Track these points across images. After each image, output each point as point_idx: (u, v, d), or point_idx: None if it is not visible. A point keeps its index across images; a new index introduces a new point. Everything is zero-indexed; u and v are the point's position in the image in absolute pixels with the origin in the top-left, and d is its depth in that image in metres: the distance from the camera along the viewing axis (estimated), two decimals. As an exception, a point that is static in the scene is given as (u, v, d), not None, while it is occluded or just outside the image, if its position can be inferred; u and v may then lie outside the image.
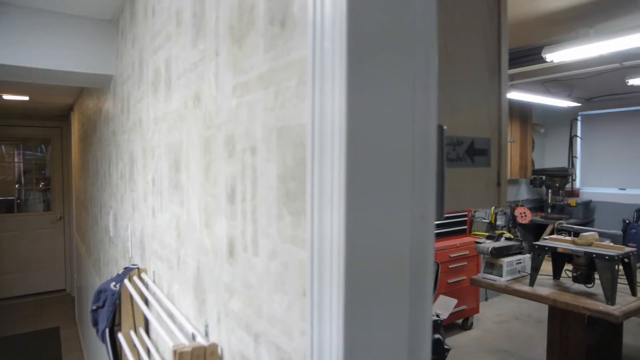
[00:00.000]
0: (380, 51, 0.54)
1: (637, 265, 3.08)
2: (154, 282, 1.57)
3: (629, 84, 3.92)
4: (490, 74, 0.89)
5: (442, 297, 1.86)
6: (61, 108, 5.58)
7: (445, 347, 1.61)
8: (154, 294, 1.50)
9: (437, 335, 1.56)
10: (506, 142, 0.89)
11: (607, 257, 2.84)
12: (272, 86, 0.74)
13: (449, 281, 4.45)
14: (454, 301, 1.85)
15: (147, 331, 1.61)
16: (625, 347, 4.04)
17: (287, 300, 0.69)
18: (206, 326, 1.04)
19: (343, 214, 0.52)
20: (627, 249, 2.98)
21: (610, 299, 2.80)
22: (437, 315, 1.65)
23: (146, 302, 1.53)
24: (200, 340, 1.03)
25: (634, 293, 2.97)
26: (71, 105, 5.35)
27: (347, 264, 0.52)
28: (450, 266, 4.44)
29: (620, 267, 2.98)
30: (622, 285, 3.01)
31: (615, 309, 2.74)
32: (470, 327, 4.78)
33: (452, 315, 4.49)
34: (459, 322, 4.76)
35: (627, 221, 5.55)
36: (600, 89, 5.19)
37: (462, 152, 0.80)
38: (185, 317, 1.18)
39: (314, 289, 0.57)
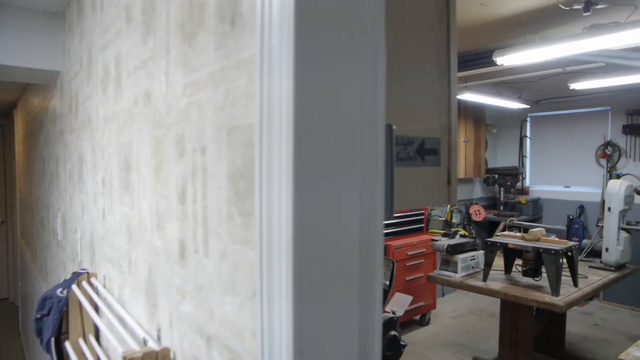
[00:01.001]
0: (328, 50, 0.54)
1: (579, 257, 3.26)
2: (104, 286, 1.52)
3: (571, 88, 4.13)
4: (440, 75, 0.91)
5: (397, 295, 1.90)
6: (2, 105, 5.28)
7: (402, 343, 1.64)
8: (104, 299, 1.44)
9: (393, 332, 1.59)
10: (456, 141, 0.91)
11: (552, 252, 2.98)
12: (223, 85, 0.73)
13: (407, 278, 4.54)
14: (409, 298, 1.89)
15: (97, 338, 1.55)
16: (568, 334, 4.26)
17: (238, 301, 0.68)
18: (158, 330, 1.02)
19: (291, 214, 0.52)
20: (570, 243, 3.14)
21: (555, 290, 2.94)
22: (393, 312, 1.68)
23: (96, 308, 1.48)
24: (152, 345, 1.00)
25: (575, 284, 3.14)
26: (14, 102, 5.07)
27: (295, 264, 0.52)
28: (408, 264, 4.53)
29: (564, 260, 3.13)
30: (566, 277, 3.17)
31: (559, 300, 2.88)
32: (427, 323, 4.89)
33: (410, 311, 4.58)
34: (417, 319, 4.86)
35: (571, 217, 5.85)
36: (546, 92, 5.44)
37: (413, 152, 0.82)
38: (137, 322, 1.15)
39: (263, 289, 0.57)
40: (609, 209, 3.62)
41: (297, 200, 0.51)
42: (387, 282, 1.65)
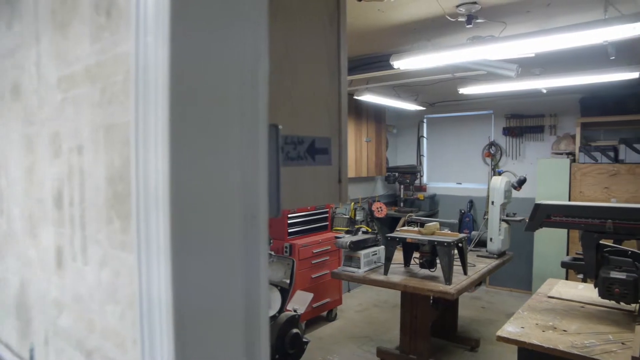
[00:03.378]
0: (206, 47, 0.53)
1: (468, 248, 3.56)
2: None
3: (460, 92, 4.49)
4: (330, 76, 0.93)
5: (298, 293, 1.92)
6: None
7: (304, 340, 1.67)
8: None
9: (295, 330, 1.61)
10: (346, 141, 0.94)
11: (445, 244, 3.22)
12: (100, 81, 0.68)
13: (313, 276, 4.62)
14: (310, 295, 1.92)
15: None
16: (460, 318, 4.64)
17: (119, 309, 0.64)
18: (31, 350, 0.92)
19: (168, 217, 0.50)
20: (460, 235, 3.42)
21: (448, 279, 3.18)
22: (295, 310, 1.70)
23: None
24: (26, 366, 0.91)
25: (465, 272, 3.42)
26: None
27: (173, 264, 0.50)
28: (313, 261, 4.61)
29: (456, 251, 3.40)
30: (458, 267, 3.44)
31: (451, 288, 3.12)
32: (334, 318, 5.02)
33: (317, 308, 4.67)
34: (324, 315, 4.97)
35: (463, 211, 6.37)
36: (440, 95, 5.86)
37: (303, 151, 0.83)
38: (5, 345, 1.03)
39: (142, 295, 0.54)
40: (492, 202, 3.99)
41: (175, 204, 0.49)
42: (288, 281, 1.66)
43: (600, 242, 2.45)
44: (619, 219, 2.33)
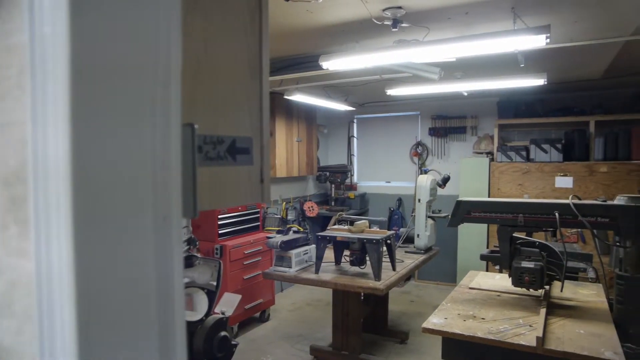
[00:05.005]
0: (111, 40, 0.50)
1: (396, 244, 3.68)
2: None
3: (387, 94, 4.64)
4: (251, 75, 0.92)
5: (226, 295, 1.89)
6: None
7: (233, 343, 1.64)
8: None
9: (223, 333, 1.58)
10: (268, 140, 0.94)
11: (374, 241, 3.31)
12: (-7, 74, 0.62)
13: (245, 277, 4.56)
14: (238, 297, 1.89)
15: None
16: (390, 312, 4.80)
17: (15, 324, 0.59)
18: None
19: (70, 222, 0.47)
20: (389, 233, 3.53)
21: (378, 276, 3.27)
22: (223, 313, 1.67)
23: None
24: None
25: (394, 268, 3.53)
26: None
27: (77, 284, 0.47)
28: (245, 262, 4.56)
29: (385, 248, 3.51)
30: (387, 263, 3.55)
31: (380, 284, 3.21)
32: (267, 319, 4.99)
33: (250, 309, 4.62)
34: (257, 316, 4.93)
35: (392, 209, 6.59)
36: (369, 96, 6.02)
37: (223, 151, 0.82)
38: None
39: (42, 306, 0.50)
40: (419, 200, 4.16)
41: (77, 209, 0.46)
42: (215, 283, 1.63)
43: (514, 234, 2.64)
44: (528, 213, 2.52)
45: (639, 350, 2.19)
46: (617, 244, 2.42)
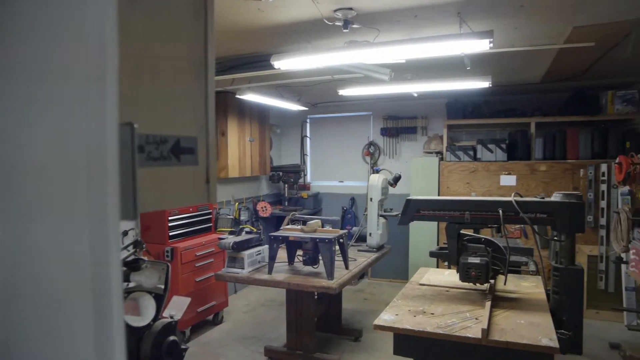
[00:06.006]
0: (33, 38, 0.48)
1: (349, 243, 3.72)
2: None
3: (340, 94, 4.68)
4: (196, 74, 0.90)
5: (175, 298, 1.84)
6: None
7: (183, 347, 1.60)
8: None
9: (172, 337, 1.54)
10: (214, 140, 0.92)
11: (326, 240, 3.33)
12: None
13: (197, 279, 4.47)
14: (187, 300, 1.85)
15: None
16: (344, 311, 4.85)
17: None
18: None
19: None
20: (341, 232, 3.56)
21: (330, 275, 3.29)
22: (172, 317, 1.62)
23: None
24: None
25: (347, 267, 3.57)
26: None
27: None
28: (197, 264, 4.46)
29: (338, 247, 3.54)
30: (340, 262, 3.59)
31: (333, 283, 3.24)
32: (221, 321, 4.92)
33: (202, 312, 4.53)
34: (210, 319, 4.84)
35: (345, 208, 6.66)
36: (321, 96, 6.05)
37: (167, 151, 0.80)
38: None
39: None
40: (371, 199, 4.23)
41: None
42: (163, 287, 1.58)
43: (461, 231, 2.74)
44: (474, 210, 2.63)
45: (570, 335, 2.33)
46: (555, 238, 2.56)
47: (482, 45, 2.60)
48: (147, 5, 0.81)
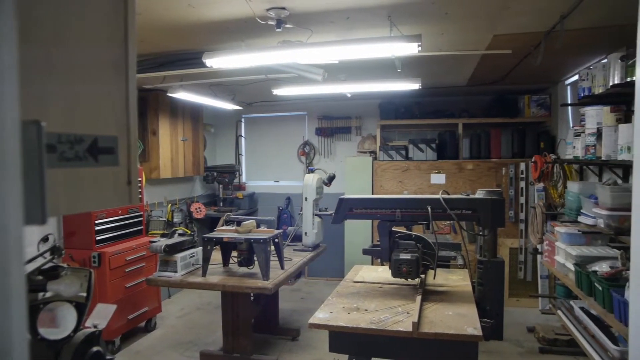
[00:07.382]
0: None
1: (284, 243, 3.72)
2: None
3: (274, 94, 4.66)
4: (115, 72, 0.86)
5: (99, 306, 1.73)
6: None
7: (108, 357, 1.51)
8: None
9: (95, 348, 1.45)
10: (136, 140, 0.88)
11: (261, 241, 3.30)
12: None
13: (127, 285, 4.27)
14: (113, 307, 1.76)
15: None
16: (281, 311, 4.84)
17: None
18: None
19: None
20: (276, 232, 3.55)
21: (266, 275, 3.27)
22: (95, 326, 1.53)
23: None
24: None
25: (282, 267, 3.57)
26: None
27: None
28: (127, 269, 4.26)
29: (273, 247, 3.52)
30: (275, 262, 3.57)
31: (269, 283, 3.22)
32: (154, 328, 4.73)
33: (134, 319, 4.33)
34: (142, 325, 4.64)
35: (281, 208, 6.65)
36: (256, 96, 5.99)
37: (83, 151, 0.75)
38: None
39: None
40: (306, 198, 4.25)
41: None
42: (85, 294, 1.48)
43: (393, 229, 2.82)
44: (404, 208, 2.72)
45: (492, 323, 2.48)
46: (480, 233, 2.72)
47: (411, 48, 2.69)
48: (56, 3, 0.76)
